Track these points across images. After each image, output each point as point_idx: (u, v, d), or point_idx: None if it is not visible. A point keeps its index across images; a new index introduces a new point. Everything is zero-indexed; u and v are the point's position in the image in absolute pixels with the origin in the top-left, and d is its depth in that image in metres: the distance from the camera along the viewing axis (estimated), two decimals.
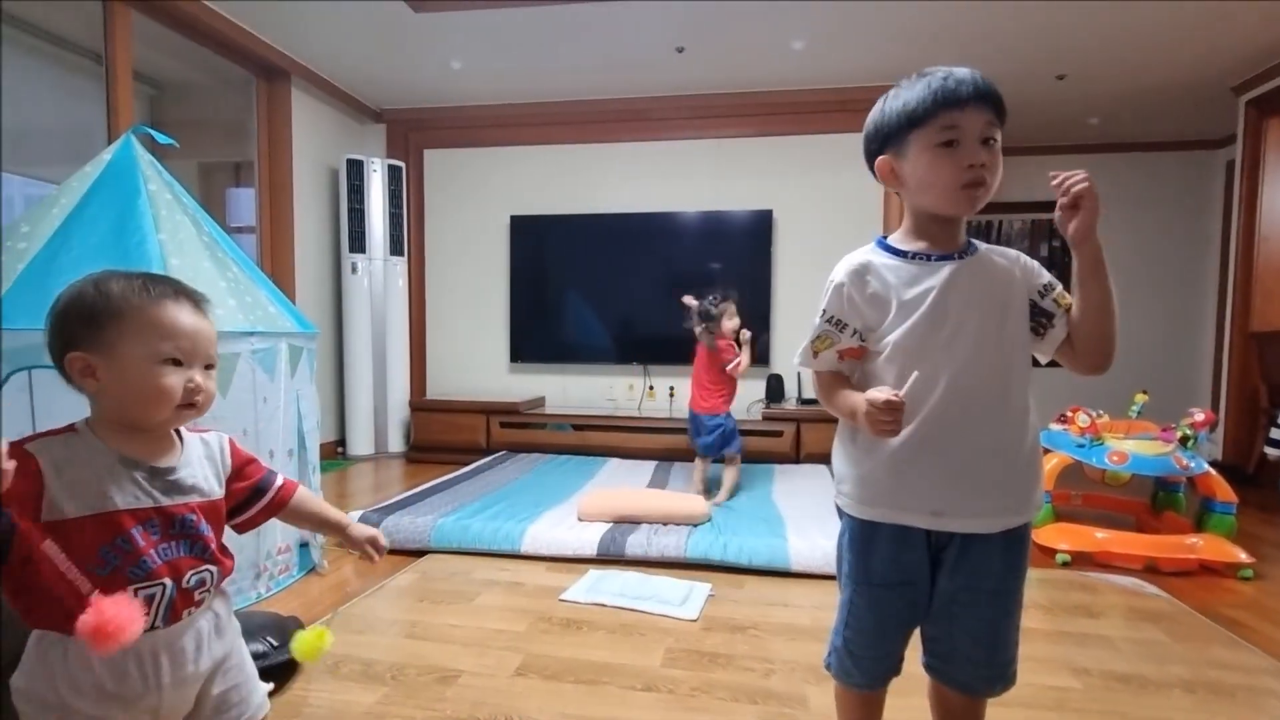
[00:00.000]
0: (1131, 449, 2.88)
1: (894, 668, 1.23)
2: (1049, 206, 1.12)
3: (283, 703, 1.70)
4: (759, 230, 4.79)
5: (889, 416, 1.05)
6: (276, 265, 4.45)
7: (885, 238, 1.19)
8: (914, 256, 1.14)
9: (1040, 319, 1.14)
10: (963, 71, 1.08)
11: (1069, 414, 3.16)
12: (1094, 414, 3.07)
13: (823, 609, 2.32)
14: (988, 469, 1.11)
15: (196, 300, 1.04)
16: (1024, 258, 1.17)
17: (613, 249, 5.00)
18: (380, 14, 3.73)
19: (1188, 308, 5.77)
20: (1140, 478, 3.01)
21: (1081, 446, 2.98)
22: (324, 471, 4.10)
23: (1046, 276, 1.16)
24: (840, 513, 1.24)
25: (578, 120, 5.03)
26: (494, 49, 4.17)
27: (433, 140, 5.27)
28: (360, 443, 4.92)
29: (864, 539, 1.19)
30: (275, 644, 1.80)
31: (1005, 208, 5.87)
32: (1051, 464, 3.01)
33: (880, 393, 1.05)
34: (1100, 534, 2.84)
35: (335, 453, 4.94)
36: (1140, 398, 3.20)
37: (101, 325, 0.96)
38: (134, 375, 0.96)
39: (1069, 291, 1.16)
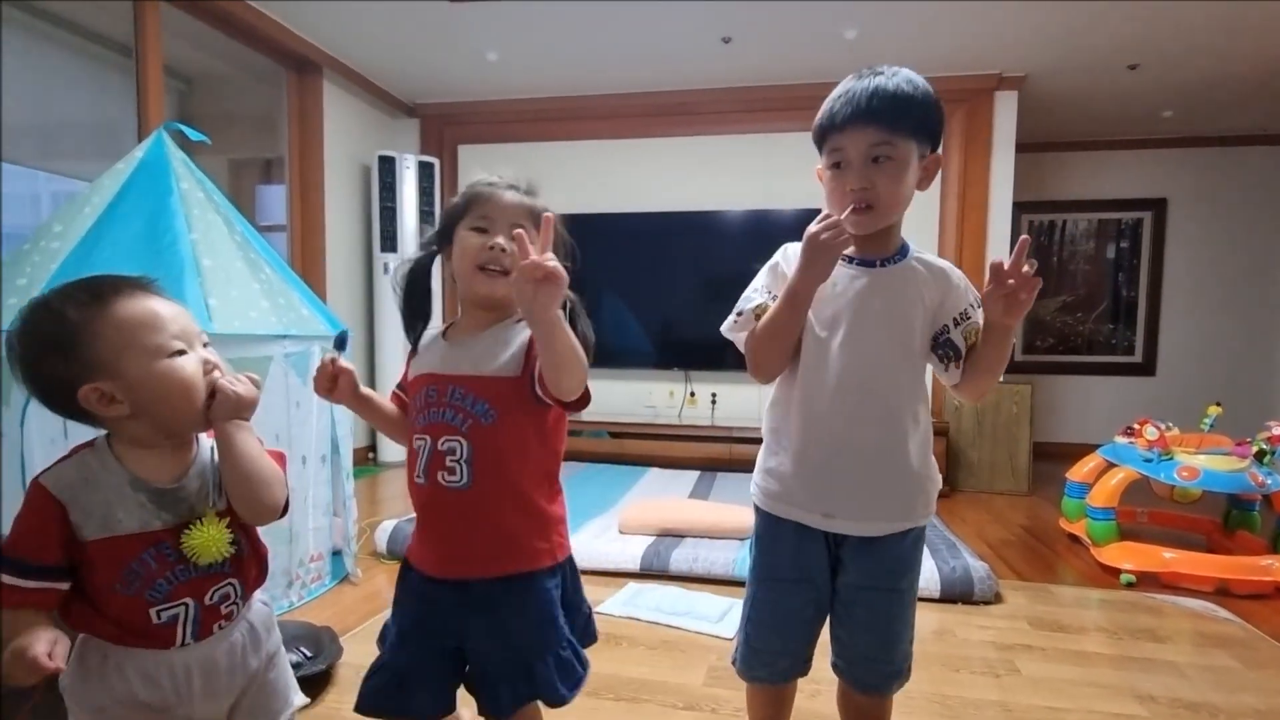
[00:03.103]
0: (1203, 464, 2.83)
1: (798, 666, 1.32)
2: (1117, 205, 1.13)
3: (316, 715, 1.74)
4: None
5: (830, 228, 1.10)
6: (307, 265, 4.55)
7: None
8: (843, 258, 1.21)
9: (948, 350, 1.20)
10: (862, 85, 1.14)
11: (1136, 426, 3.12)
12: (1163, 426, 3.02)
13: None
14: (872, 477, 1.20)
15: (146, 285, 1.03)
16: (956, 277, 1.23)
17: (654, 249, 5.02)
18: (415, 5, 3.80)
19: (1267, 314, 5.61)
20: (1212, 495, 2.96)
21: (1149, 461, 2.94)
22: (355, 478, 4.18)
23: (965, 304, 1.20)
24: (755, 509, 1.33)
25: (618, 114, 5.07)
26: (532, 40, 4.22)
27: (467, 136, 5.34)
28: (392, 449, 4.99)
29: (769, 535, 1.29)
30: (309, 654, 1.85)
31: (1070, 206, 5.78)
32: (1117, 479, 2.97)
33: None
34: (1168, 554, 2.80)
35: (367, 459, 5.02)
36: (1213, 410, 3.14)
37: (88, 351, 0.95)
38: (154, 380, 0.97)
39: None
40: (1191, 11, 3.63)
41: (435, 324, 1.33)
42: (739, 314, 1.26)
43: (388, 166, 4.86)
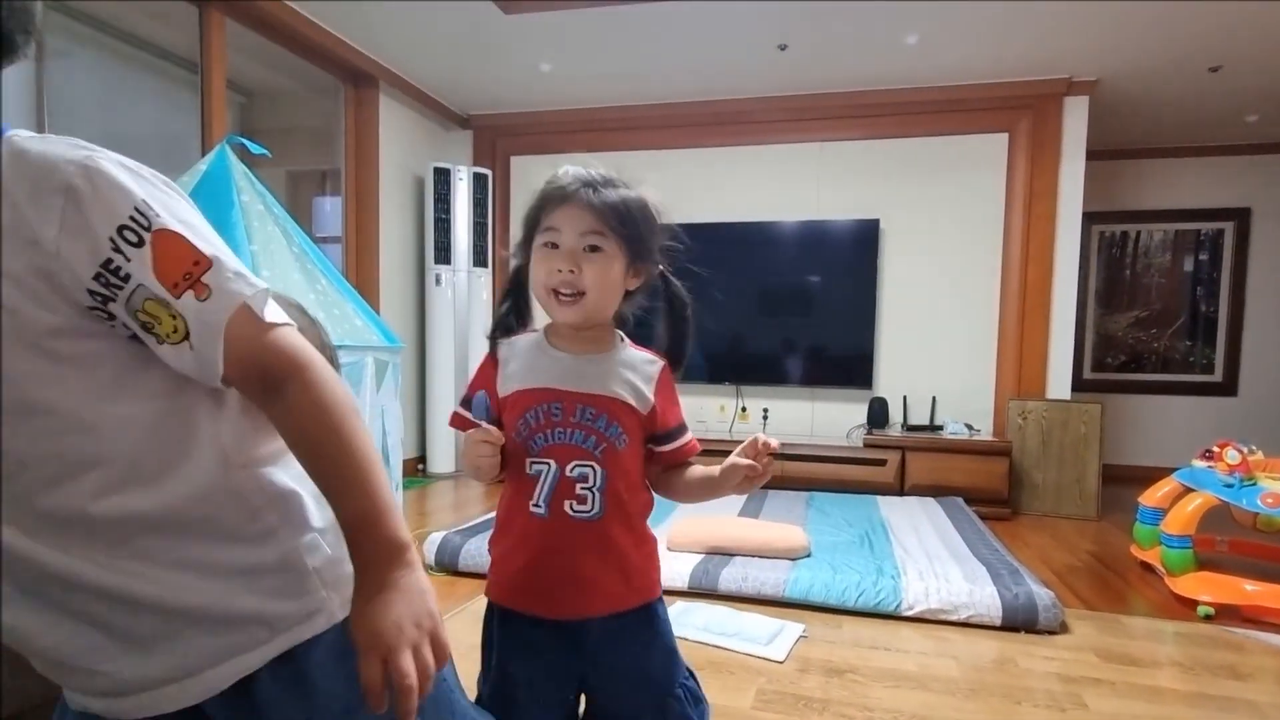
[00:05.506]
0: None
1: None
2: (1196, 215, 1.10)
3: None
4: (864, 241, 4.70)
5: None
6: (361, 276, 4.66)
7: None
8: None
9: None
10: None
11: (1216, 449, 3.01)
12: (1245, 449, 2.92)
13: (930, 655, 2.27)
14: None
15: None
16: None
17: (705, 261, 4.96)
18: (469, 17, 3.88)
19: None
20: None
21: (1230, 486, 2.84)
22: (405, 489, 4.25)
23: None
24: None
25: (671, 124, 5.10)
26: (585, 51, 4.27)
27: (520, 147, 5.42)
28: (441, 460, 5.08)
29: None
30: None
31: (1145, 216, 5.62)
32: (1194, 504, 2.88)
33: None
34: (1250, 586, 2.70)
35: (416, 470, 5.11)
36: None
37: None
38: None
39: None
40: (1277, 12, 3.52)
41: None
42: None
43: (442, 178, 4.96)
